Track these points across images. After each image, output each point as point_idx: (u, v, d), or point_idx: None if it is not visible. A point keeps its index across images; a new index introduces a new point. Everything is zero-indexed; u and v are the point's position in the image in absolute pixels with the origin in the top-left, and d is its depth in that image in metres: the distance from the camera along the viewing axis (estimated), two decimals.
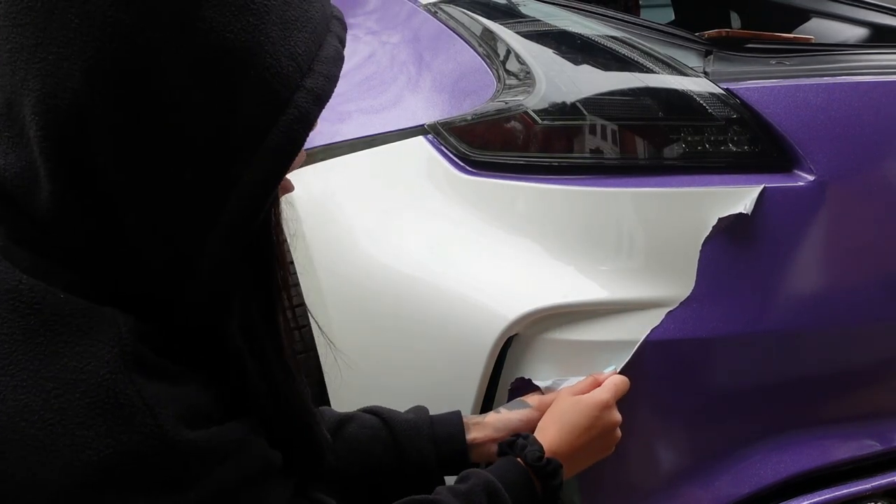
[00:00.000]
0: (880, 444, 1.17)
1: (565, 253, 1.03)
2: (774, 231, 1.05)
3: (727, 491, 1.07)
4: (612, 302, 1.01)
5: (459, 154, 1.10)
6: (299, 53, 0.52)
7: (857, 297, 1.12)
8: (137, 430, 0.49)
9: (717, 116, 1.06)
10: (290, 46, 0.52)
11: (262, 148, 0.51)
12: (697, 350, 1.03)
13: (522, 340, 1.01)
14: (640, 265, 1.03)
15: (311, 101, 0.53)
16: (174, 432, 0.50)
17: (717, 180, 1.05)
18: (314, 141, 1.31)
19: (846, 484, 1.13)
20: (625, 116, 1.06)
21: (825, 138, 1.07)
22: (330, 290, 1.17)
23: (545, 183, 1.05)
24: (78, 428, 0.48)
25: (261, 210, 0.53)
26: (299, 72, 0.52)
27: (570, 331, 1.00)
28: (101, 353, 0.49)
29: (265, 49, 0.51)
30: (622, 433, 0.96)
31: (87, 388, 0.48)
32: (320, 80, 0.54)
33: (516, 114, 1.07)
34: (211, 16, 0.49)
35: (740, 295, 1.04)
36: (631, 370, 1.00)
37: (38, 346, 0.49)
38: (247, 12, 0.50)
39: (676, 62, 1.11)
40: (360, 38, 1.46)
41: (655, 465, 1.07)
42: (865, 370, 1.17)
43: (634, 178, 1.05)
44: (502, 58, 1.15)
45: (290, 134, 0.52)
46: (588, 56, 1.13)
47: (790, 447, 1.10)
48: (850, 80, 1.13)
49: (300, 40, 0.53)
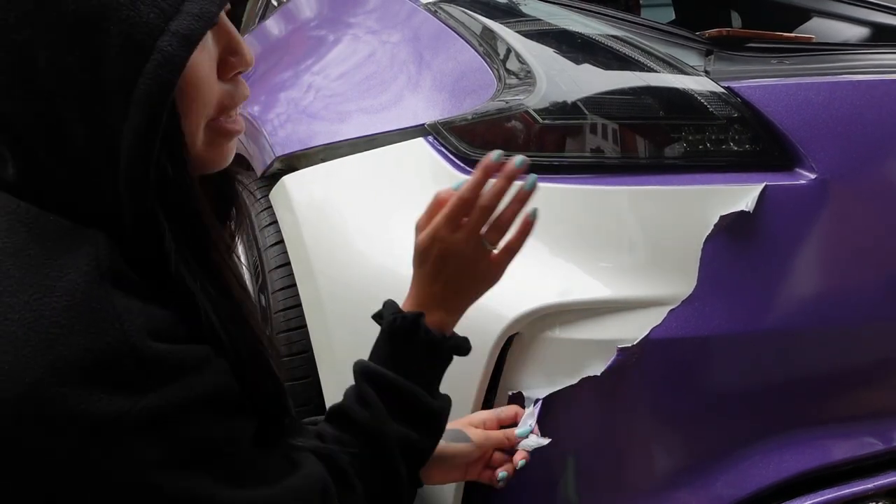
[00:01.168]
0: (881, 444, 1.17)
1: (566, 252, 1.03)
2: (776, 229, 1.04)
3: (728, 491, 1.07)
4: (613, 301, 1.01)
5: (460, 154, 1.10)
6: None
7: (858, 295, 1.11)
8: (106, 333, 0.54)
9: (718, 115, 1.06)
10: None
11: (134, 96, 0.55)
12: (699, 349, 1.03)
13: (523, 340, 1.01)
14: (641, 264, 1.03)
15: (177, 43, 0.56)
16: (138, 339, 0.55)
17: (718, 179, 1.04)
18: (314, 141, 1.31)
19: (847, 484, 1.12)
20: (626, 115, 1.06)
21: (827, 137, 1.07)
22: (328, 291, 1.17)
23: (546, 182, 1.05)
24: (52, 326, 0.53)
25: (148, 156, 0.57)
26: (163, 17, 0.56)
27: (571, 330, 1.00)
28: (80, 266, 0.55)
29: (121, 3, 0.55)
30: (620, 434, 0.95)
31: (63, 293, 0.54)
32: (187, 19, 0.56)
33: (517, 113, 1.07)
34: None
35: (742, 293, 1.04)
36: (631, 369, 1.00)
37: (27, 258, 0.56)
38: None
39: (677, 61, 1.11)
40: (360, 37, 1.46)
41: (655, 465, 1.07)
42: (867, 369, 1.17)
43: (635, 177, 1.05)
44: (503, 57, 1.15)
45: (156, 79, 0.55)
46: (589, 55, 1.13)
47: (791, 447, 1.10)
48: (851, 78, 1.13)
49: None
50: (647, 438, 1.06)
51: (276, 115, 1.47)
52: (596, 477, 1.06)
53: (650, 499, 1.06)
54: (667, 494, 1.06)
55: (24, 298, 0.54)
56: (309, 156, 1.30)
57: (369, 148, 1.20)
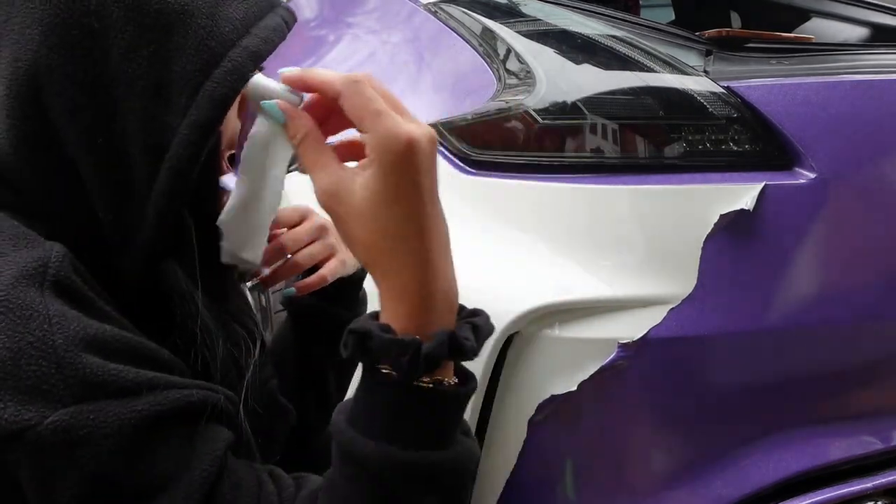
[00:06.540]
0: (881, 443, 1.17)
1: (567, 251, 1.03)
2: (775, 228, 1.04)
3: (728, 490, 1.07)
4: (613, 300, 1.01)
5: (460, 154, 1.10)
6: (237, 18, 0.60)
7: (858, 294, 1.12)
8: (31, 333, 0.52)
9: (717, 115, 1.06)
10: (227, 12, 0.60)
11: (199, 97, 0.58)
12: (699, 348, 1.03)
13: (523, 339, 1.01)
14: (641, 263, 1.03)
15: (246, 57, 0.59)
16: (65, 347, 0.53)
17: (717, 178, 1.05)
18: None
19: (846, 483, 1.13)
20: (625, 115, 1.06)
21: (826, 136, 1.07)
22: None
23: (546, 182, 1.05)
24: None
25: (198, 155, 0.58)
26: (236, 33, 0.60)
27: (571, 328, 1.00)
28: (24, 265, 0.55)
29: (202, 11, 0.59)
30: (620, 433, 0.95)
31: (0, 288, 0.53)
32: (256, 40, 0.60)
33: (517, 113, 1.07)
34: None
35: (741, 292, 1.04)
36: (631, 369, 1.00)
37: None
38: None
39: (677, 61, 1.11)
40: (359, 37, 1.46)
41: (655, 464, 1.07)
42: (866, 368, 1.17)
43: (635, 177, 1.05)
44: (503, 57, 1.15)
45: (224, 83, 0.58)
46: (588, 55, 1.13)
47: (790, 447, 1.10)
48: (850, 78, 1.13)
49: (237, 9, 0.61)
50: (647, 438, 1.06)
51: None
52: (596, 477, 1.06)
53: (650, 499, 1.06)
54: (667, 494, 1.06)
55: None
56: None
57: None
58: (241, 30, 0.60)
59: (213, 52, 0.59)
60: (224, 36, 0.59)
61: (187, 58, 0.58)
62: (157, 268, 0.61)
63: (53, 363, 0.52)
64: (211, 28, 0.59)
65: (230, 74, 0.59)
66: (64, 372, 0.52)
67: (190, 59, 0.58)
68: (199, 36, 0.59)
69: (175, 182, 0.58)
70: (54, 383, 0.52)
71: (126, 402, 0.54)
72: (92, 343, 0.54)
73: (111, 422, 0.53)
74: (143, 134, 0.58)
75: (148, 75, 0.58)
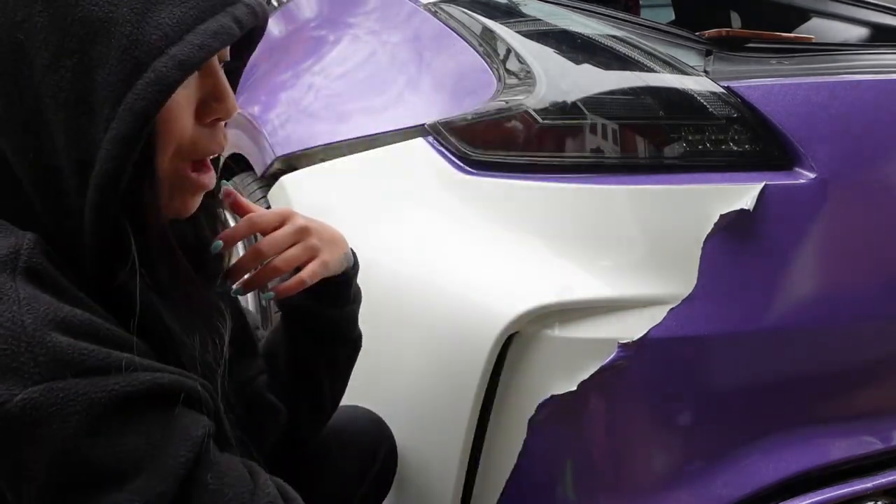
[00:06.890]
0: (881, 443, 1.17)
1: (566, 251, 1.03)
2: (775, 229, 1.04)
3: (728, 490, 1.07)
4: (613, 300, 1.01)
5: (460, 154, 1.10)
6: (168, 24, 0.58)
7: (858, 294, 1.12)
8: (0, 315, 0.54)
9: (717, 115, 1.06)
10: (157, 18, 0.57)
11: (121, 108, 0.56)
12: (699, 348, 1.03)
13: (523, 339, 1.01)
14: (641, 263, 1.03)
15: (172, 66, 0.57)
16: (34, 327, 0.54)
17: (717, 178, 1.05)
18: (314, 141, 1.32)
19: (846, 483, 1.13)
20: (625, 115, 1.06)
21: (826, 136, 1.07)
22: None
23: (546, 182, 1.05)
24: None
25: (122, 168, 0.57)
26: (165, 41, 0.57)
27: (571, 328, 1.00)
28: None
29: (127, 19, 0.57)
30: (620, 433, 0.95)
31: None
32: (187, 48, 0.58)
33: (517, 113, 1.07)
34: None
35: (741, 292, 1.04)
36: (631, 369, 1.00)
37: None
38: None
39: (677, 61, 1.11)
40: (360, 37, 1.46)
41: (655, 464, 1.07)
42: (866, 368, 1.17)
43: (635, 177, 1.05)
44: (502, 57, 1.15)
45: (145, 95, 0.56)
46: (588, 55, 1.13)
47: (790, 447, 1.10)
48: (850, 78, 1.13)
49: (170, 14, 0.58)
50: (647, 438, 1.06)
51: (276, 115, 1.47)
52: (596, 477, 1.06)
53: (650, 499, 1.06)
54: (667, 494, 1.06)
55: None
56: (309, 156, 1.30)
57: (369, 148, 1.21)
58: (173, 36, 0.58)
59: (137, 61, 0.57)
60: (150, 44, 0.57)
61: (110, 68, 0.56)
62: (113, 272, 0.60)
63: (24, 342, 0.53)
64: (136, 36, 0.57)
65: (152, 86, 0.56)
66: (34, 350, 0.54)
67: (113, 70, 0.56)
68: (122, 45, 0.56)
69: (102, 196, 0.57)
70: (24, 361, 0.53)
71: (96, 381, 0.55)
72: (62, 324, 0.55)
73: (80, 400, 0.54)
74: (70, 149, 0.57)
75: (72, 87, 0.57)
